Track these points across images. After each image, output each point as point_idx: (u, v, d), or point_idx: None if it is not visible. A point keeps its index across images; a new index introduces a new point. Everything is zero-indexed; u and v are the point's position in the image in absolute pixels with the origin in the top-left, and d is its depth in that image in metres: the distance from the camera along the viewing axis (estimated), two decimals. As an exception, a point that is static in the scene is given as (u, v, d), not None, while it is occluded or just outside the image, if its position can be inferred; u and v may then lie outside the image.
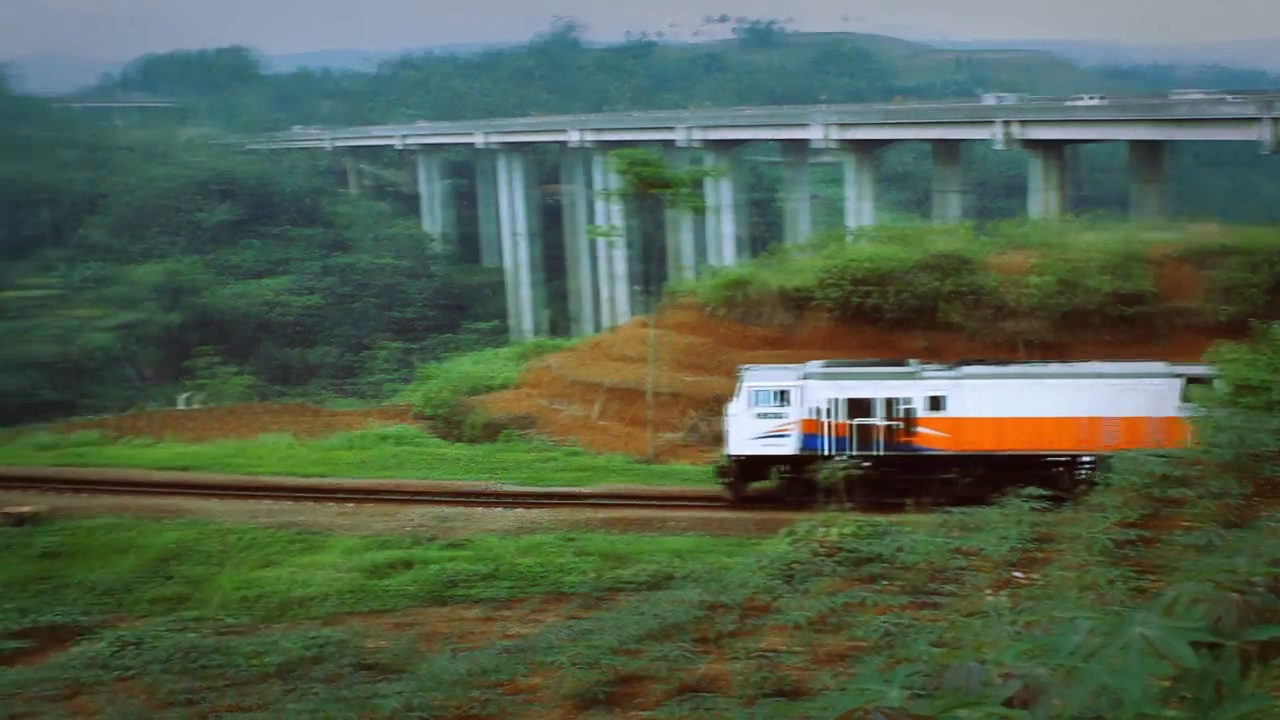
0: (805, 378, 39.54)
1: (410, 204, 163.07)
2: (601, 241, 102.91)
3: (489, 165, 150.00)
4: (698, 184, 75.71)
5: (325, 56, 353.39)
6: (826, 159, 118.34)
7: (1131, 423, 36.74)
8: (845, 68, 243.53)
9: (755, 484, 40.49)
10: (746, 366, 42.58)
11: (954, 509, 28.75)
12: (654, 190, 58.95)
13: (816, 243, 69.13)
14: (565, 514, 37.85)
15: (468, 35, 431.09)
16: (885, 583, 16.12)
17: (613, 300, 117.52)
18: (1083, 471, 36.42)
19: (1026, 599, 12.97)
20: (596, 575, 31.27)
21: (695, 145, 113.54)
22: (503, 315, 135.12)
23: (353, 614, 30.73)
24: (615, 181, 64.58)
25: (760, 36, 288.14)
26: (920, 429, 38.57)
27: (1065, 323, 51.73)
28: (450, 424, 58.96)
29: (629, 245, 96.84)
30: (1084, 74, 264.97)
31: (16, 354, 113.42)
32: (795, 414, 39.05)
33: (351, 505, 40.07)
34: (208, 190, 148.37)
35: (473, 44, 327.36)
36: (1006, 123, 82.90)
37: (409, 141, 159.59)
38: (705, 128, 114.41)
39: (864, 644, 13.33)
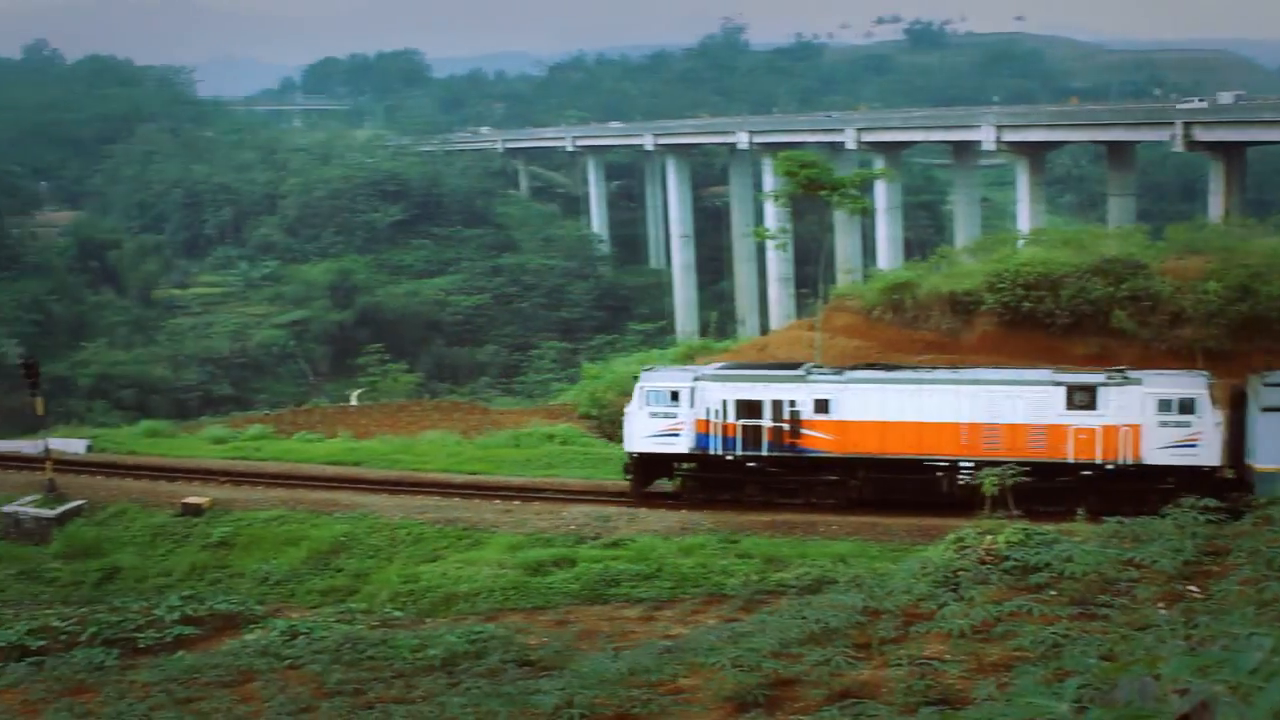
0: (698, 379, 40.54)
1: (576, 205, 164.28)
2: (764, 243, 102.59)
3: (654, 167, 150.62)
4: (863, 186, 75.12)
5: (495, 59, 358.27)
6: (995, 161, 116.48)
7: (1013, 429, 37.46)
8: (1015, 69, 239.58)
9: (661, 480, 41.77)
10: (646, 367, 44.72)
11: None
12: (818, 192, 58.61)
13: (983, 246, 68.12)
14: (726, 516, 37.82)
15: (636, 37, 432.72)
16: (1050, 593, 15.80)
17: (775, 302, 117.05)
18: (963, 476, 37.34)
19: (1199, 613, 12.62)
20: (756, 577, 31.17)
21: (861, 147, 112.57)
22: (665, 316, 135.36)
23: (513, 610, 31.06)
24: (779, 183, 64.32)
25: (929, 38, 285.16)
26: (806, 431, 39.17)
27: (1243, 330, 50.20)
28: (612, 424, 59.24)
29: (791, 247, 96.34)
30: (1270, 74, 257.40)
31: (196, 349, 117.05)
32: (687, 414, 39.83)
33: (514, 502, 40.48)
34: (379, 191, 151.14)
35: (640, 46, 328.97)
36: (1181, 124, 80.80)
37: (576, 143, 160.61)
38: (871, 129, 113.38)
39: (1027, 654, 13.08)
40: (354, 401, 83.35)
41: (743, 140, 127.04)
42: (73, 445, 51.42)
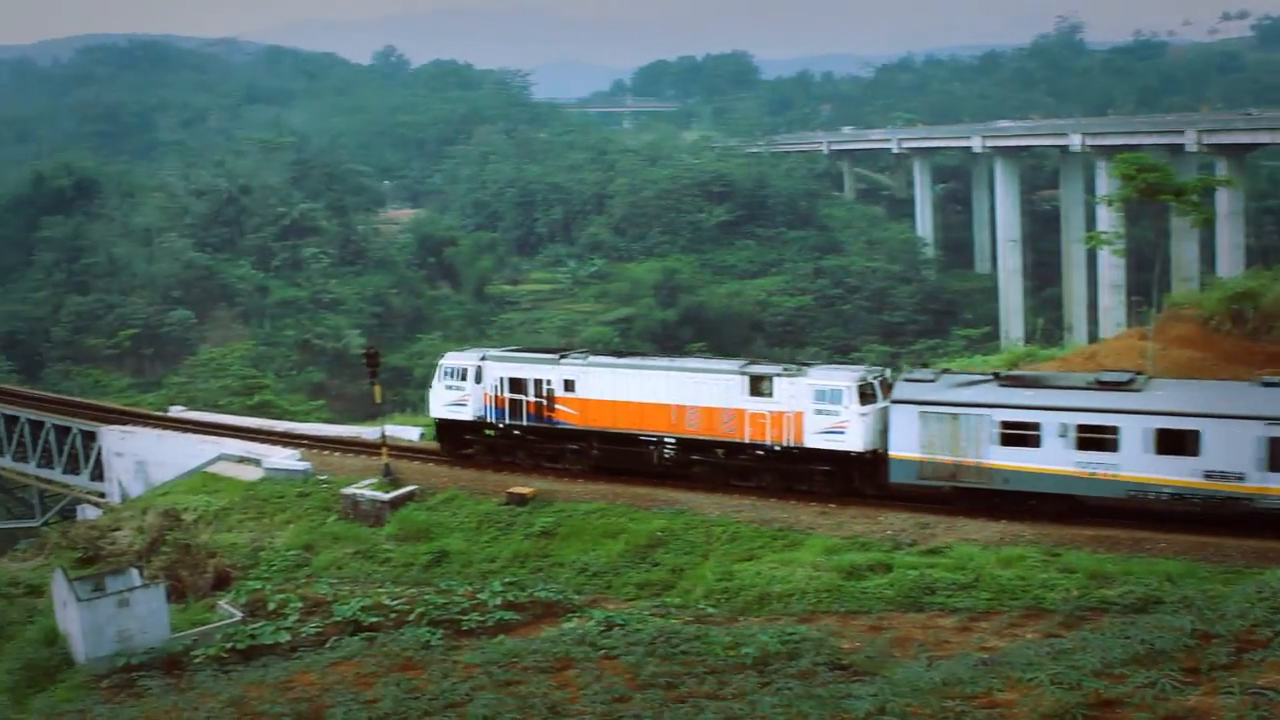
0: (483, 359, 48.35)
1: (902, 208, 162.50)
2: (1096, 249, 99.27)
3: (982, 170, 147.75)
4: (1206, 191, 71.83)
5: (823, 61, 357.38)
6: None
7: (709, 411, 43.01)
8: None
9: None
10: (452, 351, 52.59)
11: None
12: (1158, 197, 56.39)
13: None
14: (1051, 529, 36.73)
15: (966, 37, 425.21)
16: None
17: (1106, 310, 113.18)
18: (667, 451, 43.91)
19: None
20: (1078, 593, 30.18)
21: (1202, 150, 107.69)
22: (992, 322, 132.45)
23: (827, 613, 30.88)
24: (1115, 187, 62.18)
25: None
26: (558, 406, 46.17)
27: None
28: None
29: (1126, 253, 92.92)
30: None
31: (526, 343, 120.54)
32: (473, 389, 47.78)
33: (831, 505, 40.23)
34: (705, 192, 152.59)
35: (971, 46, 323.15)
36: None
37: (903, 145, 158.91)
38: (1214, 131, 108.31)
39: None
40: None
41: (1075, 142, 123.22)
42: (407, 433, 53.62)
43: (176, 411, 63.87)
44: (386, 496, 43.20)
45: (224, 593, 36.31)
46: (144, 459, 52.88)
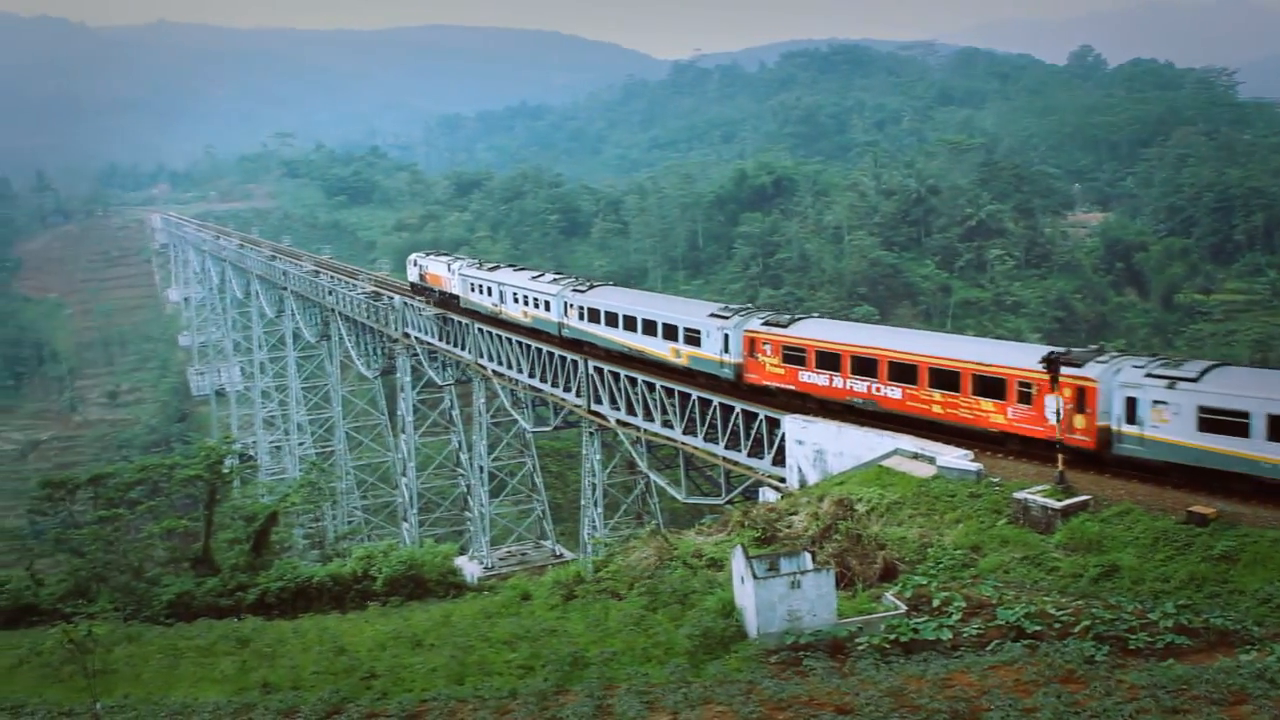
0: (416, 256, 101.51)
1: None
2: None
3: None
4: None
5: None
6: None
7: (435, 277, 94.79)
8: None
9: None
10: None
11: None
12: None
13: None
14: None
15: None
16: None
17: None
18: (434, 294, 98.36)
19: None
20: None
21: None
22: None
23: None
24: None
25: None
26: (426, 276, 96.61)
27: None
28: None
29: None
30: None
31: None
32: (413, 269, 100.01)
33: None
34: None
35: None
36: None
37: None
38: None
39: None
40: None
41: None
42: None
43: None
44: (1059, 504, 42.42)
45: (890, 585, 36.93)
46: (822, 448, 54.76)
